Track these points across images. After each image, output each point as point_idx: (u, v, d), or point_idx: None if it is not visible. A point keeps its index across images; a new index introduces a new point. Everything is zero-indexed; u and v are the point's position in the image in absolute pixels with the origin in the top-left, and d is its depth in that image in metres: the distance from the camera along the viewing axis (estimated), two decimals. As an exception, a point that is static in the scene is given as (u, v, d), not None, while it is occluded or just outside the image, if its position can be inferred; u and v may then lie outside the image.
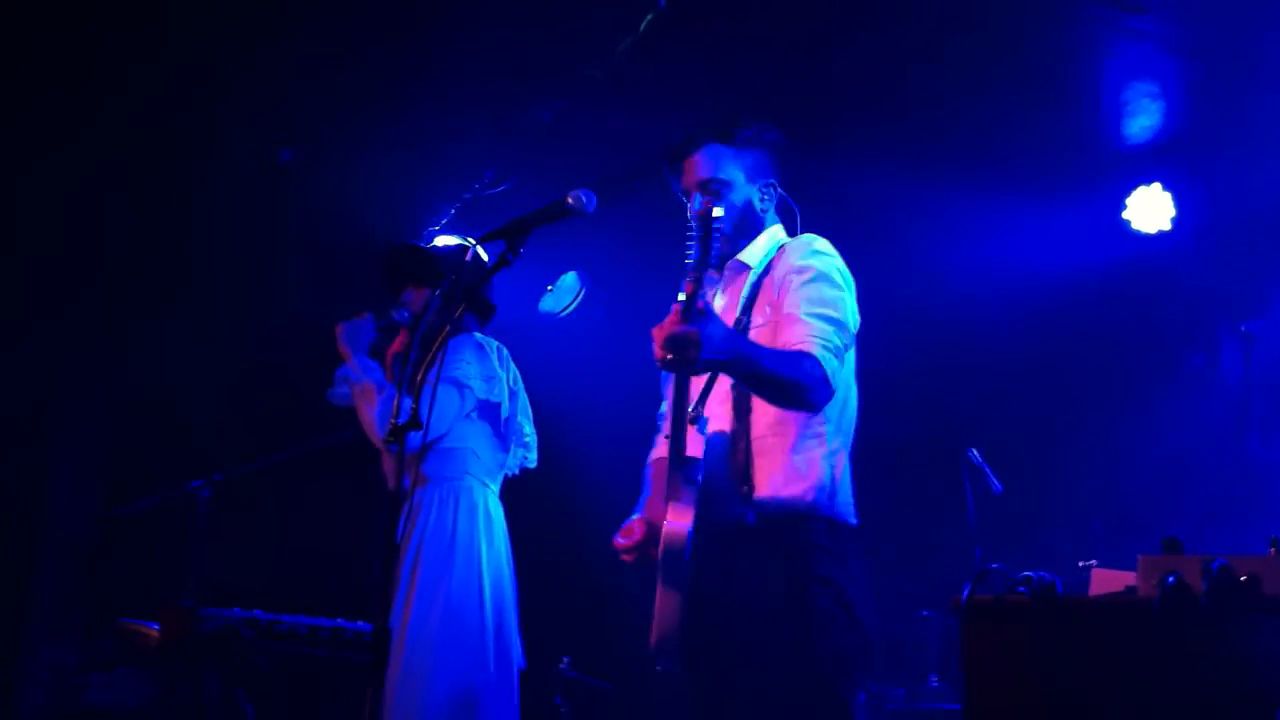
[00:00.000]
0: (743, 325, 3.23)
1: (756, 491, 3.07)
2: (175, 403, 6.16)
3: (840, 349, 3.10)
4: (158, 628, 4.59)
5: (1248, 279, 6.18)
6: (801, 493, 3.08)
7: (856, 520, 3.21)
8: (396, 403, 3.09)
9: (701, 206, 3.17)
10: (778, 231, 3.44)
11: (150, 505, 4.89)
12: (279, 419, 5.69)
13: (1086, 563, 3.18)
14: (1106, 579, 2.78)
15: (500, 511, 4.32)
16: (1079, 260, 6.35)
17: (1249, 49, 5.27)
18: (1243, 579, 2.33)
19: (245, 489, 5.02)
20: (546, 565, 5.23)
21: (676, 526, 2.96)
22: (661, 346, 2.89)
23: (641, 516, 3.27)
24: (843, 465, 3.21)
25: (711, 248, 3.02)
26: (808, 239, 3.30)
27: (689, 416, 3.15)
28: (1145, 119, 5.82)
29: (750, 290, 3.30)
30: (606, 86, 5.43)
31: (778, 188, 3.45)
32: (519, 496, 4.52)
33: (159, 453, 5.89)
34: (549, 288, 7.03)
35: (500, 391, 4.29)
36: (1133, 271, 6.34)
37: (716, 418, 3.16)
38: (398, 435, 3.04)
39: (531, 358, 4.64)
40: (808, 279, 3.17)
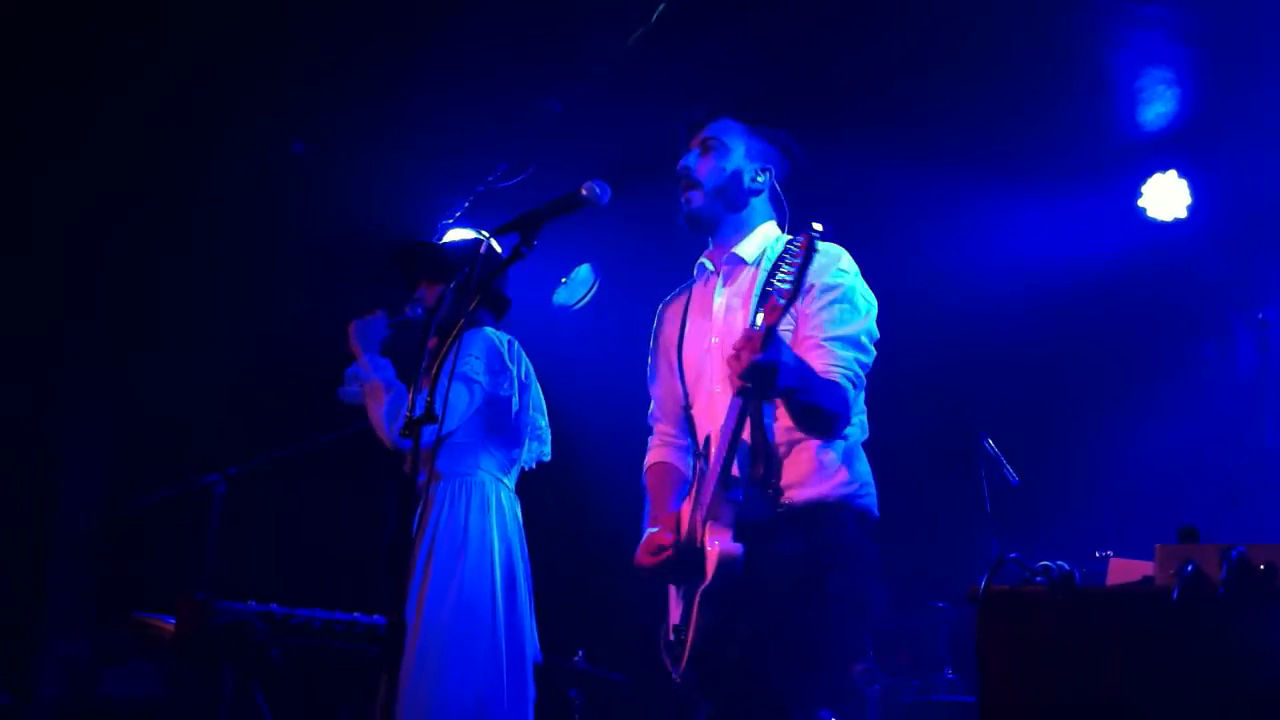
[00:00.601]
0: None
1: (786, 493, 3.11)
2: (187, 397, 6.17)
3: (860, 377, 3.15)
4: (172, 621, 4.60)
5: (1264, 267, 6.15)
6: (832, 488, 3.13)
7: (878, 514, 3.25)
8: (411, 396, 3.08)
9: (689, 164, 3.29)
10: (772, 227, 3.45)
11: (165, 499, 4.91)
12: (292, 413, 5.69)
13: (1103, 553, 3.17)
14: (1124, 569, 2.76)
15: (514, 505, 4.32)
16: (1094, 249, 6.33)
17: (1264, 35, 5.24)
18: (1261, 567, 2.32)
19: (259, 483, 5.04)
20: (561, 558, 5.23)
21: (732, 550, 3.00)
22: (742, 374, 2.89)
23: (660, 530, 3.28)
24: (864, 457, 3.26)
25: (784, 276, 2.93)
26: (835, 253, 3.28)
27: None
28: (1160, 106, 5.79)
29: (761, 290, 3.21)
30: (619, 77, 5.42)
31: (773, 178, 3.46)
32: (534, 490, 4.52)
33: (170, 447, 5.91)
34: (563, 280, 7.02)
35: (510, 386, 4.28)
36: (1148, 260, 6.32)
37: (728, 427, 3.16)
38: (412, 429, 3.03)
39: (546, 351, 4.64)
40: (833, 299, 3.18)
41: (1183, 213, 6.13)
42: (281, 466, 5.04)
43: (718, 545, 3.02)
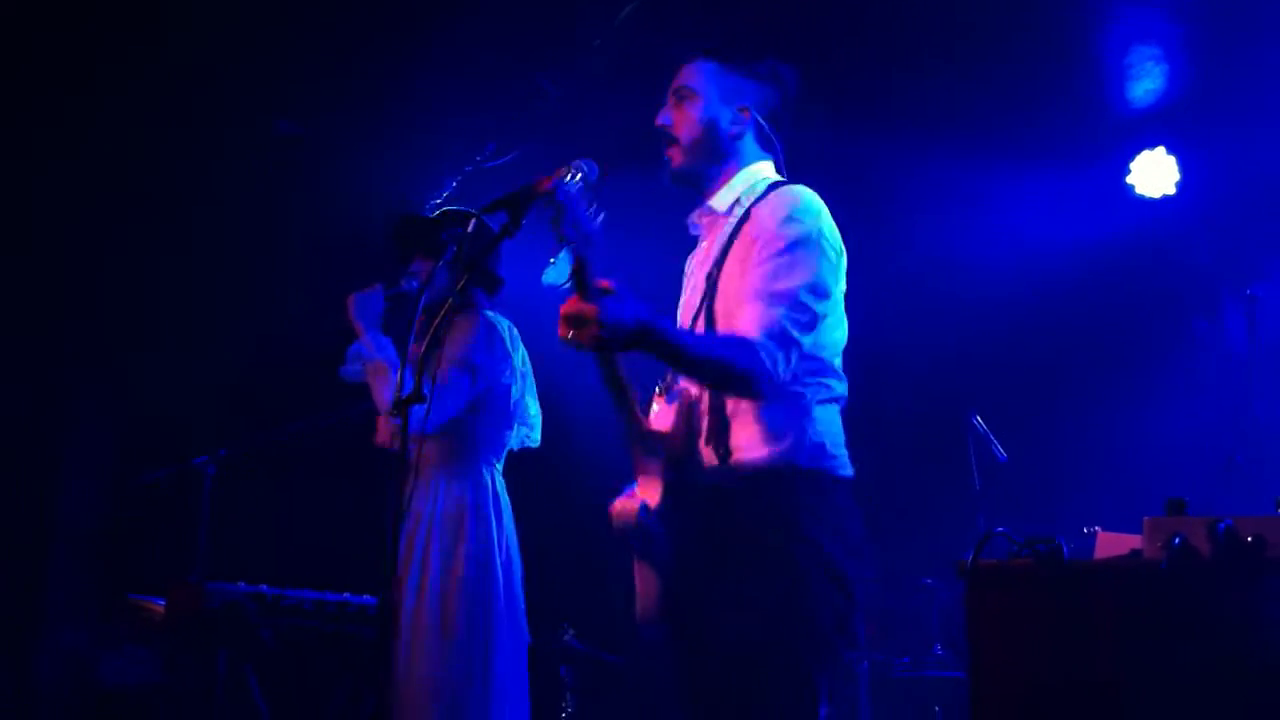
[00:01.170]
0: (713, 279, 3.07)
1: (734, 455, 2.93)
2: (186, 384, 6.17)
3: (787, 334, 2.86)
4: (164, 604, 4.61)
5: (1253, 243, 6.17)
6: (780, 450, 2.91)
7: (849, 472, 3.01)
8: (400, 376, 3.08)
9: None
10: (757, 170, 3.20)
11: (156, 480, 4.90)
12: (285, 394, 5.69)
13: (1091, 528, 3.16)
14: (1112, 542, 2.77)
15: (504, 488, 4.34)
16: (1083, 226, 6.33)
17: (1253, 11, 5.24)
18: (1249, 539, 2.32)
19: (251, 464, 5.03)
20: (551, 537, 5.23)
21: (627, 505, 2.96)
22: (562, 324, 2.79)
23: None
24: (826, 417, 2.99)
25: (576, 219, 2.89)
26: (792, 196, 3.05)
27: (661, 388, 3.08)
28: (1149, 83, 5.79)
29: (728, 239, 3.10)
30: (609, 57, 5.41)
31: (756, 115, 3.21)
32: (524, 470, 4.52)
33: (168, 431, 5.89)
34: (552, 260, 7.00)
35: (510, 374, 4.29)
36: (1137, 237, 6.32)
37: (687, 386, 3.05)
38: (400, 409, 3.04)
39: (534, 330, 4.63)
40: (778, 250, 2.94)
41: (1172, 189, 6.14)
42: (272, 448, 5.03)
43: (618, 502, 3.00)
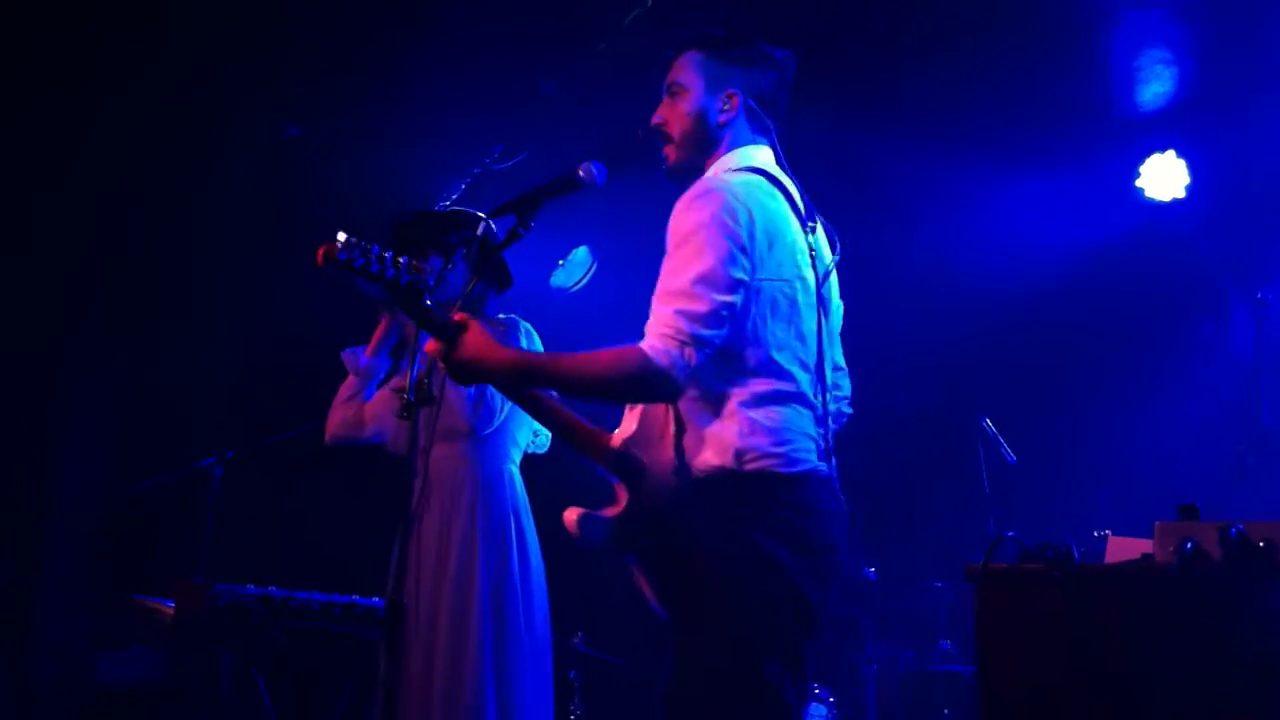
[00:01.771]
0: None
1: (681, 460, 2.95)
2: (187, 382, 6.17)
3: (681, 331, 2.81)
4: (171, 604, 4.61)
5: (1262, 246, 6.16)
6: (714, 454, 2.90)
7: (799, 468, 2.93)
8: (408, 376, 3.08)
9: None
10: (736, 157, 3.13)
11: (163, 483, 4.91)
12: (292, 396, 5.69)
13: (1101, 532, 3.15)
14: (1123, 546, 2.77)
15: (524, 489, 4.39)
16: (1092, 229, 6.33)
17: (1262, 13, 5.23)
18: (1260, 544, 2.32)
19: (257, 466, 5.03)
20: (559, 541, 5.22)
21: (570, 515, 3.08)
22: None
23: None
24: (762, 416, 2.92)
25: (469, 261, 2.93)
26: (697, 185, 2.98)
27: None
28: (1158, 85, 5.78)
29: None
30: (616, 58, 5.40)
31: (744, 100, 3.16)
32: (534, 471, 4.53)
33: (170, 430, 5.90)
34: (560, 262, 7.01)
35: None
36: (1146, 240, 6.32)
37: None
38: (410, 411, 3.03)
39: (543, 333, 4.63)
40: (674, 245, 2.91)
41: (1181, 193, 6.13)
42: (279, 450, 5.03)
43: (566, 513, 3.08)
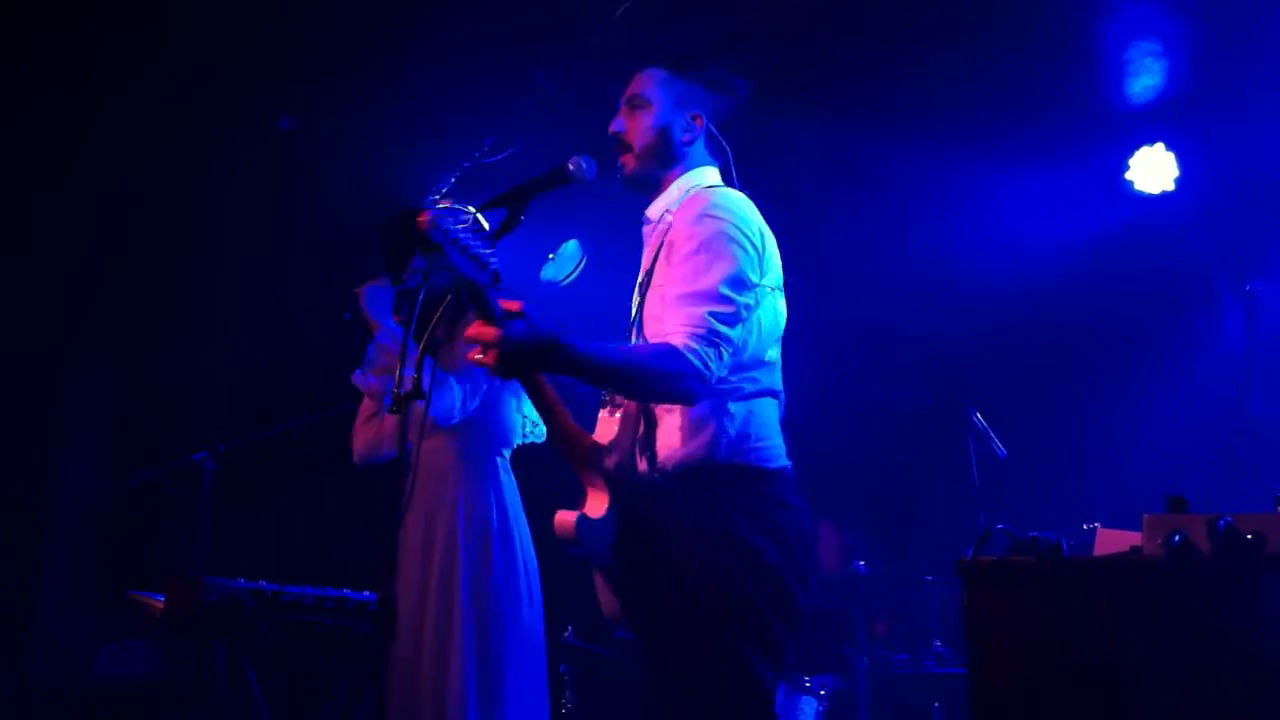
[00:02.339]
0: (645, 288, 3.13)
1: (659, 455, 2.99)
2: (184, 378, 6.17)
3: (714, 331, 2.90)
4: (163, 599, 4.60)
5: (1252, 239, 6.17)
6: (698, 446, 2.95)
7: (779, 463, 3.04)
8: (398, 372, 3.08)
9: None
10: (693, 177, 3.23)
11: (155, 476, 4.91)
12: (285, 390, 5.69)
13: (1091, 525, 3.16)
14: (1112, 539, 2.77)
15: (513, 481, 4.42)
16: (1082, 222, 6.34)
17: (1251, 7, 5.23)
18: (1249, 536, 2.32)
19: (251, 460, 5.03)
20: (549, 535, 5.22)
21: (565, 518, 3.05)
22: (472, 350, 2.84)
23: None
24: (749, 409, 3.02)
25: (468, 250, 2.85)
26: (706, 196, 3.09)
27: (604, 399, 3.14)
28: (1148, 78, 5.78)
29: (656, 249, 3.15)
30: (607, 52, 5.39)
31: (707, 123, 3.26)
32: (522, 464, 4.54)
33: (166, 426, 5.89)
34: (550, 256, 7.00)
35: None
36: (1136, 233, 6.32)
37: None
38: (400, 405, 3.03)
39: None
40: (693, 249, 2.98)
41: (1171, 185, 6.13)
42: (272, 444, 5.03)
43: (558, 514, 3.07)
